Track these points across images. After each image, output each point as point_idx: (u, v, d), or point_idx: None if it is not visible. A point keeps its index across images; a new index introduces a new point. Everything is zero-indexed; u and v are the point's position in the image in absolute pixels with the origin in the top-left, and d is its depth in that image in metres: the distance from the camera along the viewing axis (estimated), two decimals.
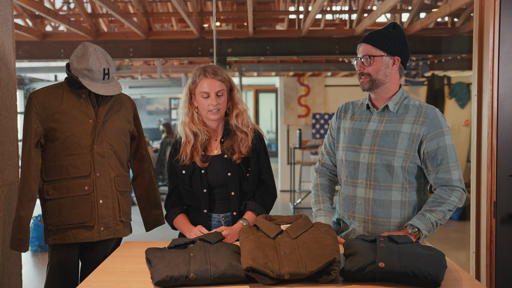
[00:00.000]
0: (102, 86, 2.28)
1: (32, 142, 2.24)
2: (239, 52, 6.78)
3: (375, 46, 2.03)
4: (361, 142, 2.08)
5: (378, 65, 2.03)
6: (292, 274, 1.55)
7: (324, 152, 2.27)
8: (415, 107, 2.06)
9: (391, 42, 2.03)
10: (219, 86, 2.17)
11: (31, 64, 9.07)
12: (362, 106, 2.16)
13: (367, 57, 2.03)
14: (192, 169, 2.20)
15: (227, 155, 2.20)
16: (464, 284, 1.59)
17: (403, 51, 2.05)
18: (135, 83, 10.86)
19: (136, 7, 6.28)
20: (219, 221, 2.22)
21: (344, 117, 2.20)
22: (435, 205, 1.96)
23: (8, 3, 2.52)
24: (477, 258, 2.63)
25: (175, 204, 2.30)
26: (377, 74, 2.03)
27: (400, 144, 2.01)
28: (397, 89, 2.09)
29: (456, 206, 1.98)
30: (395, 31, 2.05)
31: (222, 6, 8.20)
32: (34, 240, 5.25)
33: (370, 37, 2.05)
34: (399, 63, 2.06)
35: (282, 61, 9.69)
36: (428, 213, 1.95)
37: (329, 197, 2.22)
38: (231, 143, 2.22)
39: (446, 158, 1.99)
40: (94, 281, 1.64)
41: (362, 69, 2.05)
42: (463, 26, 6.58)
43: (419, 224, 1.91)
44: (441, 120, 2.02)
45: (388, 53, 2.03)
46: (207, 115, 2.18)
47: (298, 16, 6.89)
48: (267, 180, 2.28)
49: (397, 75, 2.08)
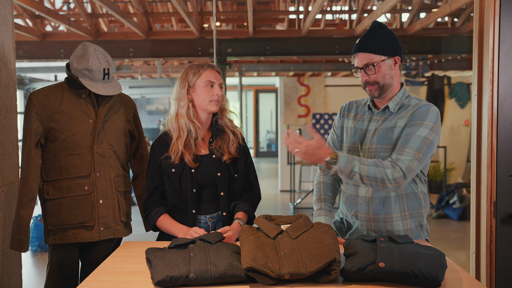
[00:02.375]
0: (102, 86, 2.28)
1: (32, 142, 2.25)
2: (239, 52, 6.78)
3: (375, 52, 1.99)
4: (362, 142, 2.09)
5: (383, 70, 2.01)
6: (292, 274, 1.55)
7: None
8: (413, 105, 2.04)
9: (387, 43, 2.00)
10: (221, 79, 2.21)
11: (31, 64, 9.08)
12: (365, 106, 2.16)
13: (371, 66, 2.00)
14: (181, 168, 2.14)
15: (215, 155, 2.18)
16: (464, 284, 1.59)
17: (399, 48, 2.04)
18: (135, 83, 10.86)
19: (136, 7, 6.28)
20: (205, 223, 2.17)
21: (347, 116, 2.19)
22: (371, 163, 1.86)
23: (8, 3, 2.52)
24: (477, 258, 2.63)
25: (158, 204, 2.19)
26: (384, 80, 2.01)
27: (396, 138, 1.99)
28: (399, 87, 2.08)
29: (384, 180, 1.85)
30: (382, 31, 2.02)
31: (222, 6, 8.21)
32: (34, 240, 5.25)
33: (364, 44, 2.02)
34: (399, 62, 2.05)
35: (282, 61, 9.70)
36: (357, 161, 1.86)
37: (331, 196, 2.21)
38: (220, 144, 2.20)
39: (406, 142, 1.90)
40: (94, 281, 1.64)
41: (367, 78, 2.02)
42: (463, 26, 6.59)
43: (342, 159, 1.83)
44: (429, 115, 1.95)
45: (388, 56, 2.01)
46: (208, 105, 2.16)
47: (298, 16, 6.89)
48: (253, 181, 2.29)
49: (398, 73, 2.07)
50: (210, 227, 2.18)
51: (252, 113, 15.85)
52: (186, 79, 2.18)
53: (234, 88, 14.36)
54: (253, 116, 15.80)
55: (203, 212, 2.17)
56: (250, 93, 15.91)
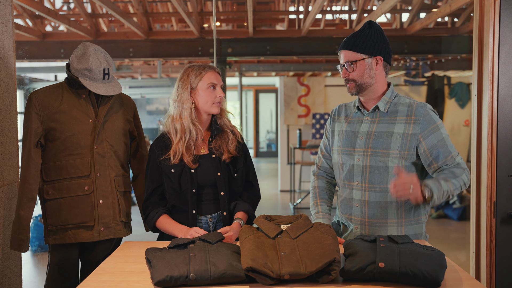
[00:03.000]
0: (102, 86, 2.28)
1: (32, 142, 2.25)
2: (239, 52, 6.78)
3: (355, 50, 2.01)
4: (354, 144, 2.07)
5: (361, 69, 2.02)
6: (292, 274, 1.55)
7: (320, 155, 2.27)
8: (405, 105, 2.04)
9: (370, 43, 2.01)
10: (221, 80, 2.22)
11: (31, 64, 9.07)
12: (355, 107, 2.16)
13: (349, 63, 2.02)
14: (181, 168, 2.14)
15: (215, 154, 2.18)
16: (464, 284, 1.59)
17: (383, 49, 2.03)
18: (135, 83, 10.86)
19: (136, 7, 6.28)
20: (206, 223, 2.17)
21: (337, 120, 2.19)
22: (450, 177, 1.93)
23: (8, 3, 2.53)
24: (477, 258, 2.63)
25: (157, 205, 2.19)
26: (362, 78, 2.03)
27: (394, 144, 1.99)
28: (385, 87, 2.08)
29: (465, 185, 1.96)
30: (371, 30, 2.03)
31: (222, 6, 8.20)
32: (34, 240, 5.25)
33: (348, 42, 2.04)
34: (382, 62, 2.04)
35: (282, 61, 9.69)
36: (442, 181, 1.90)
37: (327, 199, 2.21)
38: (220, 143, 2.20)
39: (447, 150, 1.99)
40: (94, 281, 1.64)
41: (347, 75, 2.05)
42: (463, 26, 6.59)
43: (434, 188, 1.87)
44: (433, 115, 2.01)
45: (369, 55, 2.01)
46: (211, 107, 2.17)
47: (298, 16, 6.89)
48: (253, 181, 2.29)
49: (382, 74, 2.06)
50: (211, 227, 2.18)
51: (252, 113, 15.84)
52: (188, 81, 2.16)
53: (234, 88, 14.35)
54: (253, 116, 15.79)
55: (203, 212, 2.17)
56: (250, 93, 15.90)
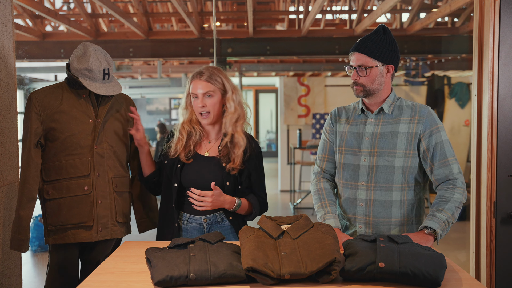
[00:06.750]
0: (102, 86, 2.28)
1: (32, 142, 2.25)
2: (239, 52, 6.78)
3: (370, 56, 2.01)
4: (360, 145, 2.10)
5: (373, 76, 2.03)
6: (293, 274, 1.55)
7: (323, 157, 2.26)
8: (408, 107, 2.09)
9: (385, 50, 2.02)
10: (206, 87, 2.16)
11: (31, 64, 9.07)
12: (356, 110, 2.17)
13: (363, 68, 2.02)
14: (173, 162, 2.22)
15: (222, 161, 2.17)
16: (464, 284, 1.59)
17: (396, 58, 2.06)
18: (135, 83, 10.86)
19: (136, 7, 6.28)
20: (200, 223, 2.18)
21: (339, 121, 2.20)
22: (441, 205, 1.98)
23: (8, 3, 2.52)
24: (477, 258, 2.63)
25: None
26: (371, 85, 2.04)
27: (399, 144, 2.04)
28: (389, 92, 2.11)
29: (461, 202, 2.00)
30: (386, 36, 2.04)
31: (222, 6, 8.20)
32: (34, 240, 5.25)
33: (363, 46, 2.03)
34: (392, 71, 2.07)
35: (282, 61, 9.69)
36: (437, 213, 1.96)
37: (334, 200, 2.20)
38: (227, 151, 2.19)
39: (444, 153, 2.03)
40: (94, 281, 1.64)
41: (357, 78, 2.05)
42: (463, 26, 6.58)
43: (433, 225, 1.93)
44: (435, 117, 2.07)
45: (382, 63, 2.03)
46: (199, 117, 2.21)
47: (298, 16, 6.89)
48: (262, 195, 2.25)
49: (389, 80, 2.10)
50: (205, 229, 2.17)
51: (252, 113, 15.81)
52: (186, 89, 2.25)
53: None
54: (253, 116, 15.79)
55: (198, 213, 2.17)
56: (250, 93, 15.90)
